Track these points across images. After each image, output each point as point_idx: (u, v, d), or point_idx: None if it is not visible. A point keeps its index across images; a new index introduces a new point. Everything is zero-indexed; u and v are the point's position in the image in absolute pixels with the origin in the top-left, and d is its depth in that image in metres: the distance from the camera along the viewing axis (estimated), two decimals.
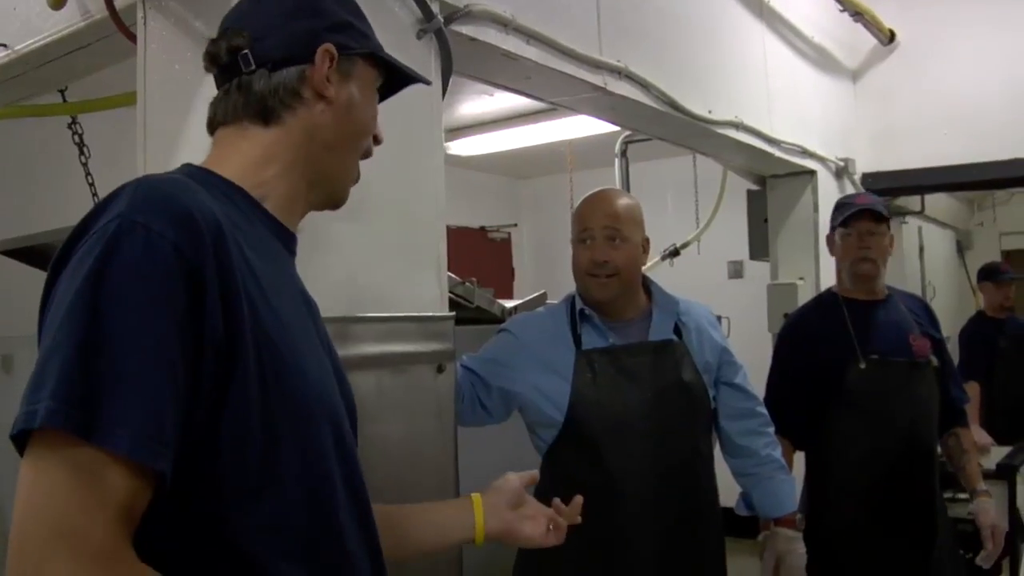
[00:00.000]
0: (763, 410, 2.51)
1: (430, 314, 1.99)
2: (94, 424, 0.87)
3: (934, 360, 2.98)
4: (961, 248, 8.25)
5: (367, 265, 1.80)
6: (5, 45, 2.36)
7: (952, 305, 7.28)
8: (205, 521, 0.99)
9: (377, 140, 1.33)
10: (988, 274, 5.68)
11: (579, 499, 1.67)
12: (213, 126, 1.24)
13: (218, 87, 1.24)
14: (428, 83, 1.45)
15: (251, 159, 1.19)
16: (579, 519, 1.67)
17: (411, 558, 1.52)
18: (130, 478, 0.89)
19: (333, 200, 1.31)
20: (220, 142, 1.23)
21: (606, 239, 2.26)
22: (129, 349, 0.90)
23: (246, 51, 1.19)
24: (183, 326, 0.94)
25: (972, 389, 4.98)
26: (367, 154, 1.32)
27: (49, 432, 0.87)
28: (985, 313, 5.68)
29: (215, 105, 1.23)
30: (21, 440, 0.90)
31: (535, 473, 1.69)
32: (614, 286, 2.27)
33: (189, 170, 1.16)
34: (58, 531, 0.86)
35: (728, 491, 2.51)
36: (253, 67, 1.19)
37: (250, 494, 1.01)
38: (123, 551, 0.90)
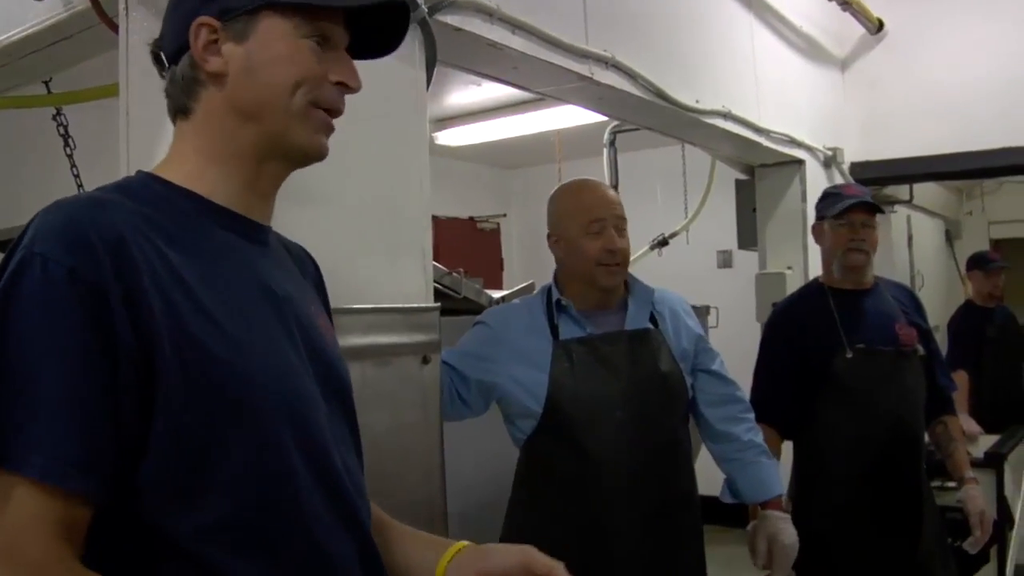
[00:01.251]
0: (742, 396, 2.53)
1: (415, 305, 1.99)
2: (7, 452, 0.93)
3: (920, 349, 2.99)
4: (950, 237, 8.27)
5: (351, 256, 1.80)
6: None
7: (941, 294, 7.30)
8: (151, 525, 1.01)
9: (348, 88, 1.22)
10: (977, 262, 5.69)
11: None
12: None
13: None
14: (355, 5, 1.21)
15: (186, 157, 1.19)
16: None
17: None
18: (51, 498, 0.94)
19: (297, 159, 1.23)
20: (171, 145, 1.24)
21: (616, 228, 2.29)
22: (35, 376, 0.94)
23: (160, 52, 1.20)
24: (88, 347, 0.97)
25: (960, 378, 4.99)
26: (330, 104, 1.20)
27: None
28: (974, 302, 5.69)
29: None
30: None
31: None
32: (622, 273, 2.32)
33: (132, 179, 1.18)
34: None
35: (712, 480, 2.52)
36: (166, 66, 1.20)
37: (193, 496, 1.02)
38: (65, 567, 0.95)
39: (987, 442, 4.27)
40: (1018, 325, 5.85)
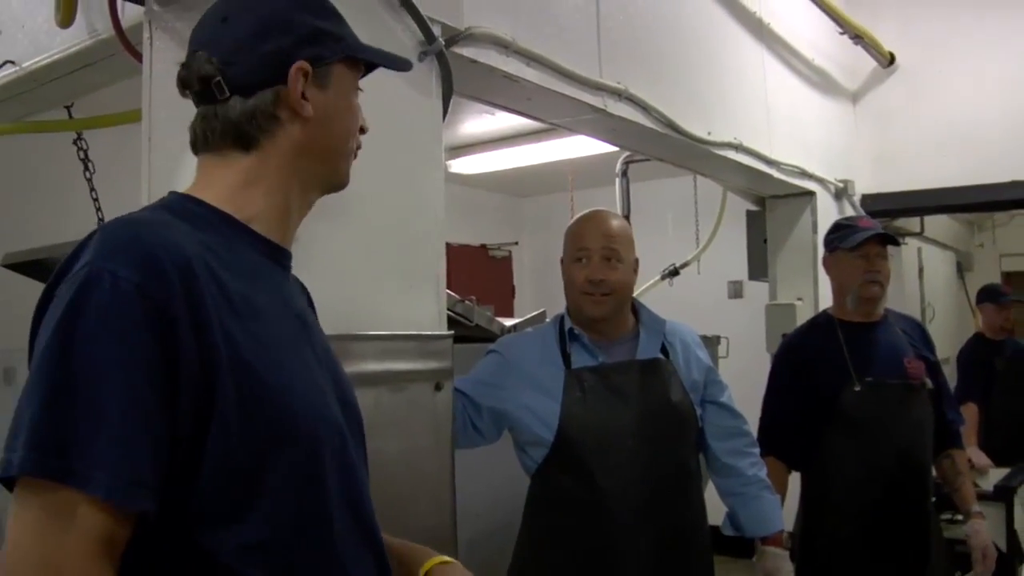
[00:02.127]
0: (749, 429, 2.54)
1: (428, 332, 2.01)
2: (71, 469, 0.91)
3: (928, 382, 3.00)
4: (961, 269, 8.26)
5: (366, 283, 1.82)
6: (13, 62, 2.38)
7: (952, 326, 7.28)
8: (192, 543, 1.02)
9: (363, 130, 1.32)
10: (989, 295, 5.67)
11: None
12: (195, 148, 1.24)
13: (197, 107, 1.23)
14: (407, 68, 1.41)
15: (233, 184, 1.19)
16: None
17: None
18: (109, 517, 0.94)
19: (332, 190, 1.32)
20: (202, 168, 1.23)
21: (603, 259, 2.29)
22: (102, 394, 0.94)
23: (218, 79, 1.17)
24: (154, 365, 0.97)
25: (970, 411, 4.99)
26: (357, 147, 1.32)
27: (30, 478, 0.92)
28: (983, 335, 5.68)
29: (194, 128, 1.23)
30: (9, 481, 0.94)
31: None
32: (609, 304, 2.30)
33: (170, 199, 1.18)
34: (42, 569, 0.91)
35: (720, 510, 2.52)
36: (227, 94, 1.18)
37: (234, 516, 1.03)
38: None
39: (997, 475, 4.26)
40: None
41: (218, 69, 1.17)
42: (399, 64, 1.38)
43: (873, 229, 2.98)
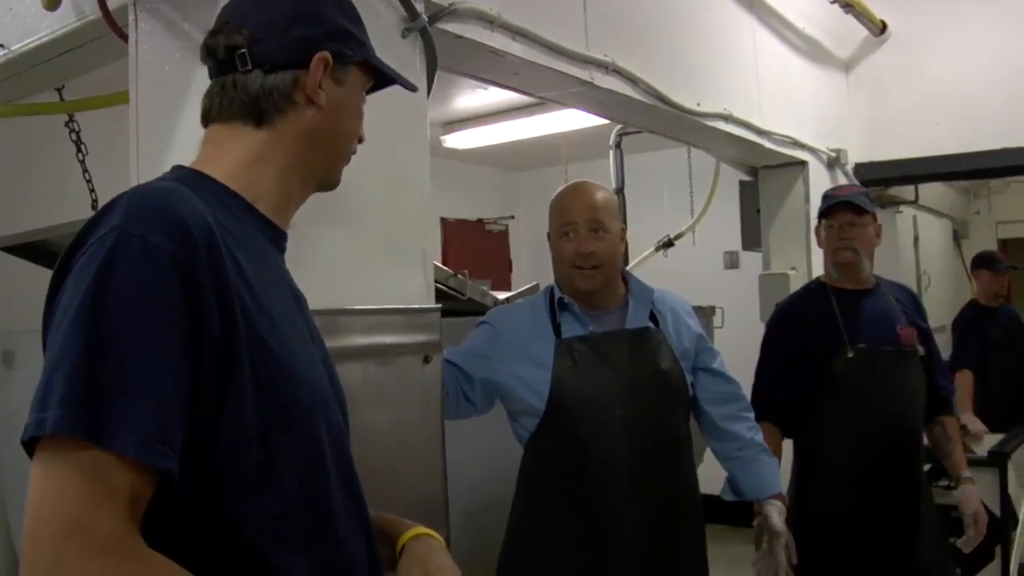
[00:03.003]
0: (743, 394, 2.56)
1: (416, 306, 2.03)
2: (102, 428, 0.93)
3: (920, 349, 3.02)
4: (957, 237, 8.26)
5: (353, 258, 1.84)
6: (2, 45, 2.39)
7: (948, 294, 7.30)
8: (209, 511, 1.04)
9: (360, 139, 1.36)
10: (985, 262, 5.69)
11: None
12: (207, 119, 1.26)
13: (211, 78, 1.26)
14: (414, 89, 1.48)
15: (242, 161, 1.22)
16: None
17: None
18: (136, 476, 0.95)
19: (325, 188, 1.36)
20: (212, 140, 1.25)
21: (589, 231, 2.30)
22: (133, 355, 0.95)
23: (244, 51, 1.21)
24: (183, 332, 0.99)
25: (965, 377, 5.03)
26: (353, 151, 1.36)
27: (59, 437, 0.93)
28: (978, 302, 5.70)
29: (210, 98, 1.26)
30: (31, 445, 0.95)
31: None
32: (599, 277, 2.31)
33: (180, 174, 1.19)
34: (69, 529, 0.91)
35: (714, 479, 2.55)
36: (250, 67, 1.22)
37: (251, 485, 1.06)
38: (132, 543, 0.95)
39: (991, 441, 4.29)
40: (1022, 326, 5.87)
41: (247, 41, 1.22)
42: (407, 84, 1.44)
43: (841, 198, 3.02)
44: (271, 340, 1.09)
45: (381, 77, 1.39)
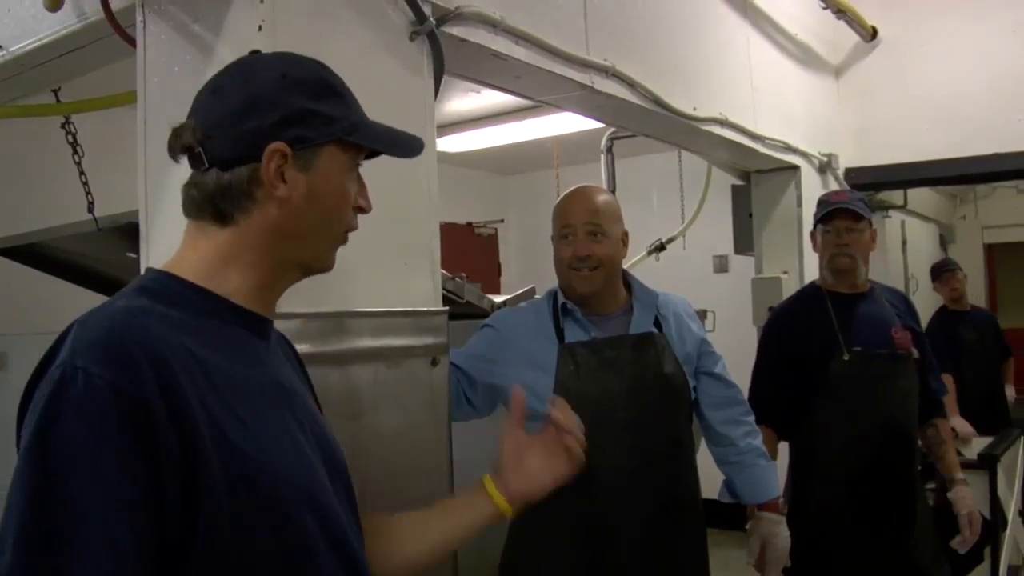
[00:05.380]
0: (743, 399, 2.58)
1: (424, 309, 2.03)
2: (60, 568, 0.92)
3: (915, 352, 3.05)
4: (944, 242, 8.33)
5: (363, 261, 1.84)
6: (1, 46, 2.38)
7: (935, 298, 7.34)
8: None
9: (362, 210, 1.30)
10: (932, 272, 6.06)
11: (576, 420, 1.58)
12: (184, 213, 1.23)
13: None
14: (413, 154, 1.35)
15: (210, 259, 1.18)
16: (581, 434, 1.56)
17: (445, 556, 1.57)
18: None
19: (313, 273, 1.30)
20: (186, 236, 1.22)
21: (588, 234, 2.31)
22: (82, 492, 0.94)
23: (198, 149, 1.17)
24: (133, 459, 0.97)
25: (946, 380, 5.09)
26: (350, 227, 1.30)
27: None
28: (947, 306, 5.85)
29: (182, 194, 1.22)
30: None
31: (519, 399, 1.60)
32: (597, 279, 2.32)
33: (147, 279, 1.17)
34: None
35: (713, 482, 2.57)
36: (206, 166, 1.17)
37: None
38: None
39: (980, 444, 4.33)
40: (997, 328, 6.01)
41: (199, 140, 1.16)
42: (400, 150, 1.34)
43: (839, 203, 3.04)
44: (242, 443, 1.07)
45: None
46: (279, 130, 1.17)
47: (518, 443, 1.55)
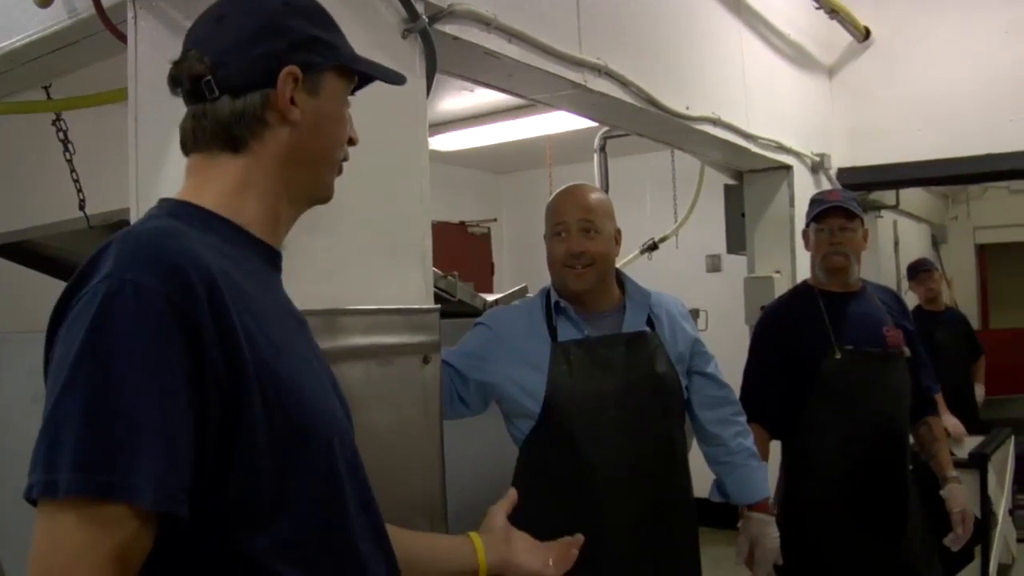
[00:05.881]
0: (735, 399, 2.59)
1: (416, 307, 2.02)
2: (116, 482, 0.91)
3: (906, 351, 3.05)
4: (936, 242, 8.35)
5: (354, 259, 1.84)
6: None
7: None
8: (224, 545, 1.02)
9: (352, 142, 1.32)
10: (910, 273, 6.06)
11: (580, 537, 1.68)
12: (186, 148, 1.23)
13: (187, 106, 1.22)
14: (401, 82, 1.40)
15: (226, 188, 1.18)
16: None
17: None
18: (144, 524, 0.94)
19: (317, 202, 1.32)
20: (193, 171, 1.22)
21: (581, 231, 2.31)
22: (138, 405, 0.93)
23: (208, 78, 1.17)
24: (186, 373, 0.96)
25: None
26: (344, 158, 1.32)
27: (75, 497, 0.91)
28: (922, 307, 5.88)
29: (184, 129, 1.22)
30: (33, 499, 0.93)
31: (512, 494, 1.69)
32: (590, 276, 2.32)
33: (169, 208, 1.17)
34: None
35: (704, 481, 2.57)
36: (216, 94, 1.17)
37: (266, 517, 1.04)
38: None
39: (971, 443, 4.35)
40: (968, 328, 6.08)
41: (209, 68, 1.17)
42: (392, 77, 1.37)
43: (833, 202, 3.05)
44: (278, 368, 1.07)
45: (364, 74, 1.33)
46: (290, 55, 1.19)
47: (507, 526, 1.62)
